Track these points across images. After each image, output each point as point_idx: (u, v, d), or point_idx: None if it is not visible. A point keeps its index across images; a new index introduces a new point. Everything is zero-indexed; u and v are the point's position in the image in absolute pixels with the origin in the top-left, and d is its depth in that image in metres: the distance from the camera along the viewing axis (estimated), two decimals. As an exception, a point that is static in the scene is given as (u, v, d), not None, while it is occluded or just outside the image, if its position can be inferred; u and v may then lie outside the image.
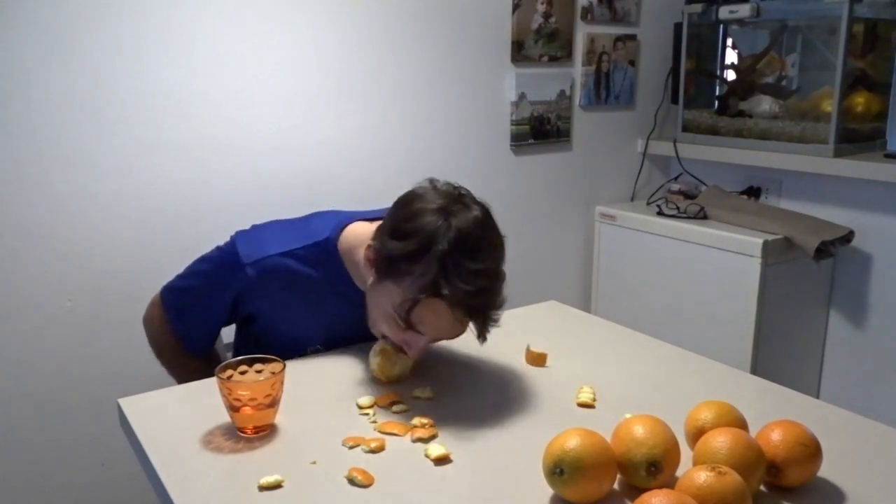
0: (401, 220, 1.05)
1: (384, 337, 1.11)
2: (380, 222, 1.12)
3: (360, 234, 1.18)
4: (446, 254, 0.99)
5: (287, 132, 1.77)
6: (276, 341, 1.19)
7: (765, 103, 2.17)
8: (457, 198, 1.06)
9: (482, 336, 1.07)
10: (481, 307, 1.03)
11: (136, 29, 1.54)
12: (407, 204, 1.07)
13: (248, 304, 1.20)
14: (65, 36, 1.48)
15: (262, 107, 1.73)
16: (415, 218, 1.03)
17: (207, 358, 1.28)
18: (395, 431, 0.95)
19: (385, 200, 1.21)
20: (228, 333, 1.33)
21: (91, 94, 1.52)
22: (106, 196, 1.58)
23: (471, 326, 1.07)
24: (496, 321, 1.06)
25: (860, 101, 2.07)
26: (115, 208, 1.59)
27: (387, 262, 1.04)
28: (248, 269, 1.16)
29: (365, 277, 1.12)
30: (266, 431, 0.96)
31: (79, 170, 1.54)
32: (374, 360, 1.10)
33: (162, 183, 1.63)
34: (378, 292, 1.07)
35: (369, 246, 1.10)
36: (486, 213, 1.06)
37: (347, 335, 1.24)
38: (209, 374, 1.21)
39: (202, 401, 1.05)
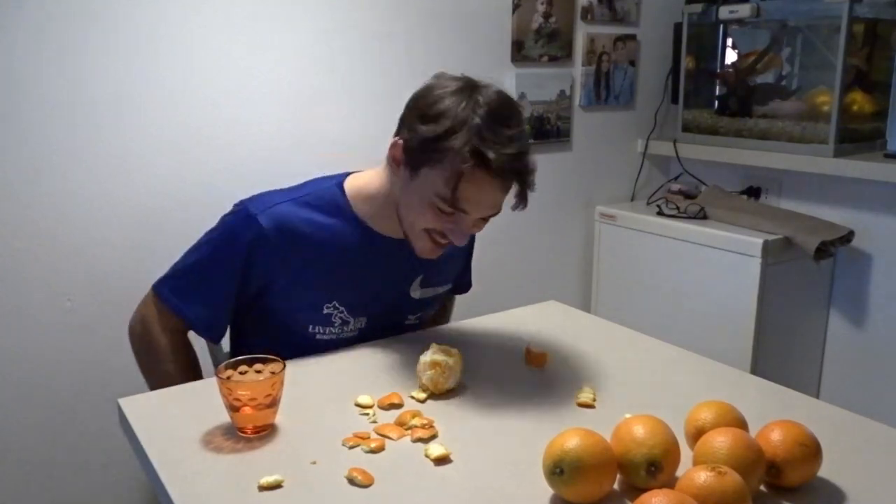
0: (425, 107, 1.09)
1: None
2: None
3: (362, 176, 1.23)
4: (482, 124, 1.04)
5: (287, 132, 1.77)
6: (292, 311, 1.18)
7: (788, 105, 2.13)
8: (469, 80, 1.12)
9: (523, 199, 1.11)
10: (523, 169, 1.08)
11: (134, 28, 1.54)
12: (425, 94, 1.12)
13: (260, 266, 1.16)
14: (63, 35, 1.47)
15: (261, 107, 1.73)
16: (439, 101, 1.08)
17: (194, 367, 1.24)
18: (392, 435, 0.95)
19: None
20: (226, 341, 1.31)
21: (91, 94, 1.52)
22: (106, 196, 1.58)
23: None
24: (533, 185, 1.11)
25: (855, 99, 2.07)
26: (115, 208, 1.59)
27: (421, 148, 1.08)
28: (259, 218, 1.14)
29: (389, 188, 1.17)
30: (266, 431, 0.96)
31: (79, 170, 1.54)
32: (427, 374, 1.06)
33: (162, 183, 1.63)
34: (414, 186, 1.11)
35: (395, 144, 1.13)
36: (500, 88, 1.12)
37: (359, 293, 1.21)
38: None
39: (202, 401, 1.04)
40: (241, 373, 0.98)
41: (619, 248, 2.27)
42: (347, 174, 1.25)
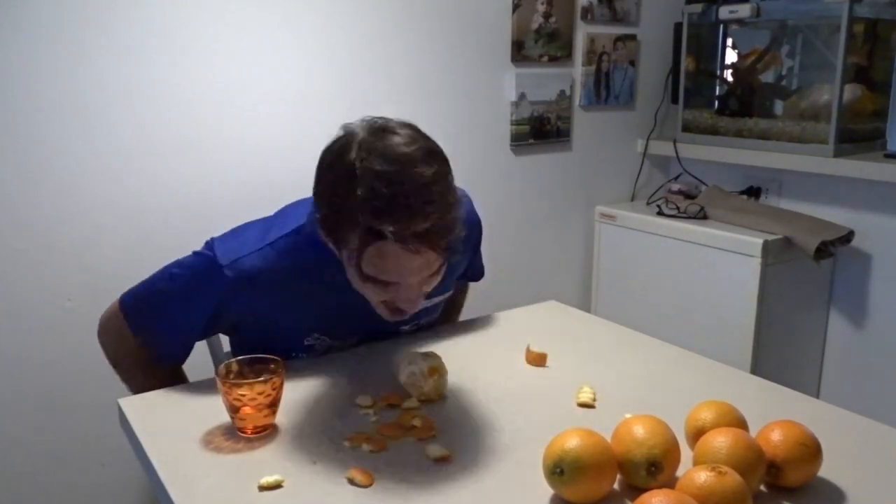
0: (317, 183, 1.00)
1: (425, 355, 1.07)
2: None
3: None
4: (366, 199, 0.91)
5: (287, 132, 1.77)
6: (270, 342, 1.13)
7: (824, 92, 2.10)
8: (376, 129, 1.00)
9: (445, 262, 0.99)
10: (430, 232, 0.92)
11: (137, 29, 1.54)
12: (321, 162, 1.01)
13: (230, 312, 1.13)
14: (66, 36, 1.48)
15: (262, 107, 1.73)
16: (325, 175, 0.99)
17: (174, 370, 1.21)
18: (392, 435, 0.95)
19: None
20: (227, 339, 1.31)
21: (91, 95, 1.52)
22: (106, 196, 1.58)
23: None
24: (456, 243, 0.97)
25: (857, 94, 2.07)
26: (116, 208, 1.59)
27: (325, 234, 1.00)
28: (225, 270, 1.08)
29: None
30: (266, 431, 0.96)
31: (79, 169, 1.54)
32: (429, 383, 1.04)
33: (162, 183, 1.63)
34: (344, 261, 1.02)
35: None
36: (410, 134, 1.00)
37: (345, 322, 1.18)
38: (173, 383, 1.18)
39: (202, 401, 1.04)
40: (240, 373, 0.98)
41: (619, 248, 2.27)
42: None
